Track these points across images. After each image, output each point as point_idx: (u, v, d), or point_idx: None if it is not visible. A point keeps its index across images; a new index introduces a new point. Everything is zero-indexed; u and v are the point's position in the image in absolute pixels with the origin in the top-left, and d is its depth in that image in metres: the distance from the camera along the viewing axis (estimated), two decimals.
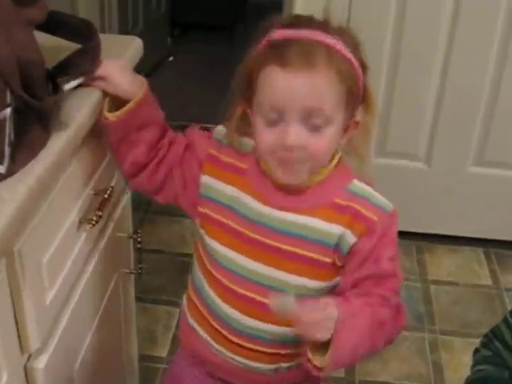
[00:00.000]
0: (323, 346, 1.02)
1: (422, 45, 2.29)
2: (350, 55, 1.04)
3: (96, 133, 1.22)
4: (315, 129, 1.02)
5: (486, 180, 2.51)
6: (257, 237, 1.11)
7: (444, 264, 2.53)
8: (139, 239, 1.48)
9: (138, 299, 1.79)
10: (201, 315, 1.22)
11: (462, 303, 2.33)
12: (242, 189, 1.13)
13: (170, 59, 4.25)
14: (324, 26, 1.04)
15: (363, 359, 1.09)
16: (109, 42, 1.21)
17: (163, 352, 2.10)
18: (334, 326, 0.99)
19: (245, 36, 1.11)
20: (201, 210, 1.17)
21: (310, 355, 1.04)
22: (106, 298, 1.39)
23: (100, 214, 1.20)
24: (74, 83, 1.13)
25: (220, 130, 1.17)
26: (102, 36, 1.19)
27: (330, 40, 1.02)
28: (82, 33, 1.15)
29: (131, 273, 1.55)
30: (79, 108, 1.11)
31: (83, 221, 1.18)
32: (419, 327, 2.24)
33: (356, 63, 1.05)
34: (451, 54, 2.29)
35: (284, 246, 1.10)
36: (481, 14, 2.23)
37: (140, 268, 1.53)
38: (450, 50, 2.29)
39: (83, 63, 1.13)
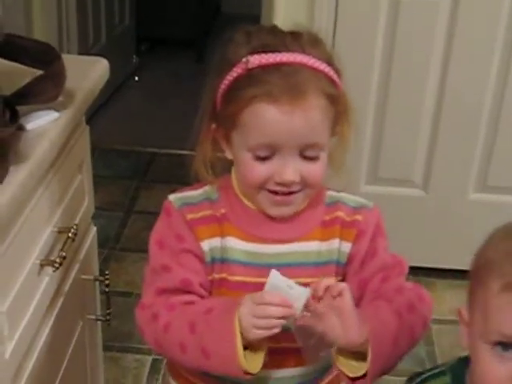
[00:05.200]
0: (355, 359, 1.05)
1: (416, 61, 2.33)
2: (331, 72, 1.08)
3: (58, 164, 1.23)
4: (310, 158, 1.08)
5: (490, 207, 2.52)
6: (259, 280, 1.11)
7: (445, 301, 2.52)
8: (107, 282, 1.49)
9: (105, 348, 1.78)
10: None
11: None
12: (231, 235, 1.14)
13: (136, 79, 4.27)
14: (297, 40, 1.08)
15: (404, 355, 1.11)
16: (72, 63, 1.23)
17: None
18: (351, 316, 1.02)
19: (216, 50, 1.14)
20: (216, 276, 1.16)
21: (342, 368, 1.06)
22: (71, 348, 1.40)
23: (64, 254, 1.20)
24: (38, 122, 1.15)
25: (173, 197, 1.17)
26: (64, 57, 1.21)
27: (311, 61, 1.06)
28: (43, 57, 1.17)
29: (98, 320, 1.55)
30: (40, 137, 1.12)
31: (45, 263, 1.19)
32: None
33: (336, 78, 1.09)
34: (448, 72, 2.33)
35: None
36: (479, 31, 2.27)
37: (108, 314, 1.53)
38: (447, 66, 2.32)
39: (46, 90, 1.14)
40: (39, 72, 1.17)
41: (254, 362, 1.04)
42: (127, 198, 3.04)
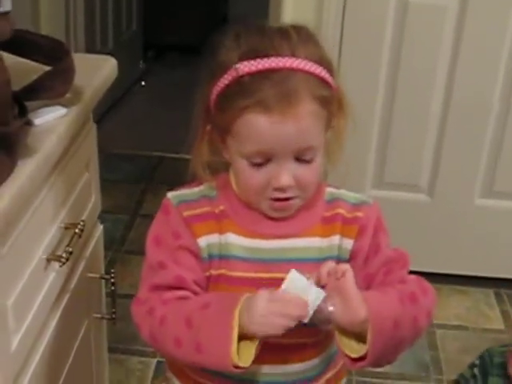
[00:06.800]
0: (355, 338, 1.05)
1: (423, 65, 2.33)
2: (322, 72, 1.07)
3: (65, 161, 1.23)
4: (305, 161, 1.08)
5: (495, 213, 2.53)
6: (259, 275, 1.14)
7: (451, 306, 2.54)
8: (113, 280, 1.48)
9: (110, 350, 1.78)
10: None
11: (471, 349, 2.33)
12: (230, 231, 1.15)
13: (142, 84, 4.28)
14: (286, 40, 1.07)
15: (409, 346, 1.11)
16: (81, 62, 1.24)
17: None
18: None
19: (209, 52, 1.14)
20: (214, 272, 1.16)
21: (343, 348, 1.06)
22: (76, 345, 1.39)
23: (70, 250, 1.20)
24: (46, 118, 1.16)
25: (171, 195, 1.18)
26: (73, 55, 1.21)
27: (301, 64, 1.05)
28: (53, 53, 1.17)
29: (103, 318, 1.55)
30: (48, 132, 1.12)
31: (52, 258, 1.19)
32: (424, 377, 2.23)
33: (328, 78, 1.08)
34: (455, 77, 2.33)
35: (282, 275, 1.11)
36: (486, 36, 2.27)
37: (114, 313, 1.53)
38: (454, 71, 2.33)
39: (55, 86, 1.15)
40: (48, 68, 1.18)
41: (246, 356, 1.04)
42: (133, 202, 3.05)
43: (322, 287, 1.05)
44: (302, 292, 1.03)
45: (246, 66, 1.05)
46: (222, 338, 1.03)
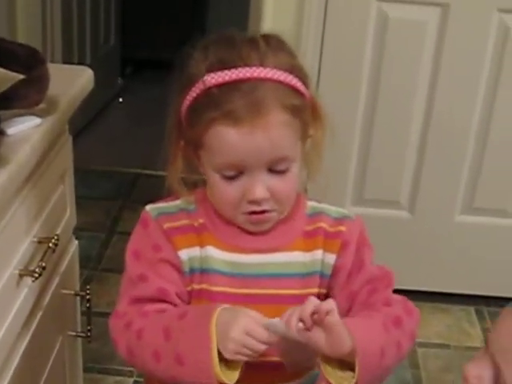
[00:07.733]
0: (341, 367, 1.03)
1: (404, 81, 2.32)
2: (293, 81, 1.05)
3: (39, 172, 1.20)
4: (280, 172, 1.06)
5: (476, 229, 2.52)
6: (241, 290, 1.12)
7: (432, 324, 2.51)
8: (88, 297, 1.45)
9: (85, 369, 1.75)
10: None
11: (453, 368, 2.31)
12: (210, 245, 1.12)
13: (120, 100, 4.26)
14: (255, 50, 1.04)
15: (393, 370, 1.09)
16: (57, 72, 1.21)
17: None
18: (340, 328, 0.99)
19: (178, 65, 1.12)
20: (196, 287, 1.14)
21: (329, 378, 1.03)
22: (50, 364, 1.36)
23: (43, 264, 1.17)
24: (20, 127, 1.13)
25: (150, 208, 1.15)
26: (48, 65, 1.19)
27: (270, 73, 1.03)
28: (29, 62, 1.15)
29: (78, 336, 1.52)
30: (22, 142, 1.09)
31: (24, 273, 1.16)
32: None
33: (300, 86, 1.06)
34: (435, 93, 2.32)
35: (263, 291, 1.12)
36: (467, 51, 2.27)
37: (89, 330, 1.49)
38: (435, 87, 2.32)
39: (28, 95, 1.12)
40: (22, 76, 1.15)
41: (230, 373, 1.01)
42: (109, 219, 3.01)
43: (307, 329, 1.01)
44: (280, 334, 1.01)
45: (213, 78, 1.03)
46: (202, 352, 1.00)
